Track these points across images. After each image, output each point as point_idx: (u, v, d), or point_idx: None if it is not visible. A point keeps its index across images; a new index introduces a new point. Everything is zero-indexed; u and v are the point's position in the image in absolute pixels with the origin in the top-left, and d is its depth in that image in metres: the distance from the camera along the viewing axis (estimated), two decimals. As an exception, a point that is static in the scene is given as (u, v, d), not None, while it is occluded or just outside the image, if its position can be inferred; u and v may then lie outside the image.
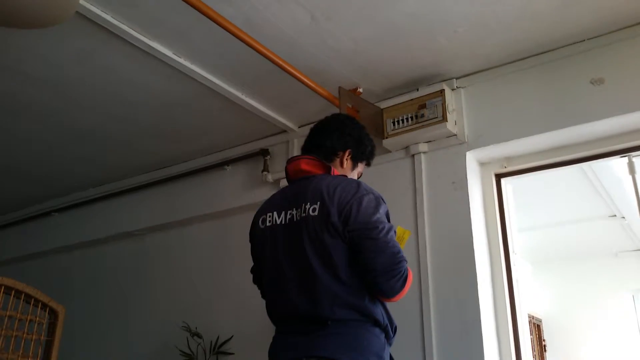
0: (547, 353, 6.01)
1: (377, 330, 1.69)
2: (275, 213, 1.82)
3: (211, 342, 2.93)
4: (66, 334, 2.29)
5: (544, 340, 6.03)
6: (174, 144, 3.38)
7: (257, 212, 1.91)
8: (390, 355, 1.75)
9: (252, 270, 1.95)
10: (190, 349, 2.94)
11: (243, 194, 3.21)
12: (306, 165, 1.87)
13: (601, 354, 5.60)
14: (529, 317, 5.73)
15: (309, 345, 1.65)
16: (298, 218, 1.74)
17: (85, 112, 3.00)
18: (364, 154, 1.98)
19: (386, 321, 1.73)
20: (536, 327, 6.00)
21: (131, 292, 3.60)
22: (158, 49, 2.38)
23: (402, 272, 1.68)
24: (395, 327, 1.78)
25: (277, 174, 3.04)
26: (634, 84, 2.20)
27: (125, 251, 3.79)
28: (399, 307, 1.87)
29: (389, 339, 1.75)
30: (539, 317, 6.06)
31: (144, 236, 3.71)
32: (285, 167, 1.93)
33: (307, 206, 1.73)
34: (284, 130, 3.12)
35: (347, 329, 1.66)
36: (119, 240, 3.82)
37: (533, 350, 5.78)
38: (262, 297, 1.94)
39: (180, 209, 3.50)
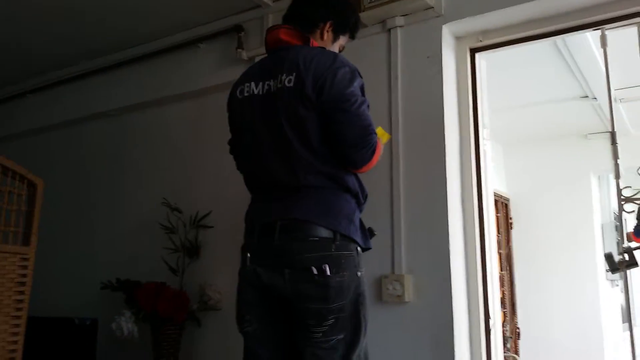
0: (512, 230, 6.35)
1: (348, 196, 1.79)
2: (252, 83, 1.85)
3: (191, 216, 3.03)
4: (46, 211, 2.35)
5: (510, 218, 6.35)
6: (146, 20, 3.25)
7: (235, 83, 1.93)
8: (360, 220, 1.85)
9: (229, 142, 2.00)
10: (170, 223, 3.05)
11: (218, 72, 3.16)
12: (285, 35, 1.87)
13: (563, 234, 5.93)
14: (498, 196, 5.99)
15: (282, 209, 1.75)
16: (274, 89, 1.77)
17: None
18: (346, 27, 1.96)
19: (357, 188, 1.82)
20: (504, 206, 6.29)
21: (110, 171, 3.65)
22: None
23: (372, 144, 1.75)
24: (366, 195, 1.88)
25: (251, 51, 2.98)
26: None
27: (102, 131, 3.78)
28: (370, 176, 1.96)
29: (359, 205, 1.85)
30: (507, 197, 6.32)
31: (120, 116, 3.68)
32: (265, 37, 1.92)
33: (283, 77, 1.75)
34: (258, 5, 3.02)
35: (320, 195, 1.76)
36: (95, 120, 3.80)
37: (499, 227, 6.10)
38: (237, 168, 2.00)
39: (155, 88, 3.46)
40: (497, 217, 6.10)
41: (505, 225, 6.28)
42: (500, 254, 6.01)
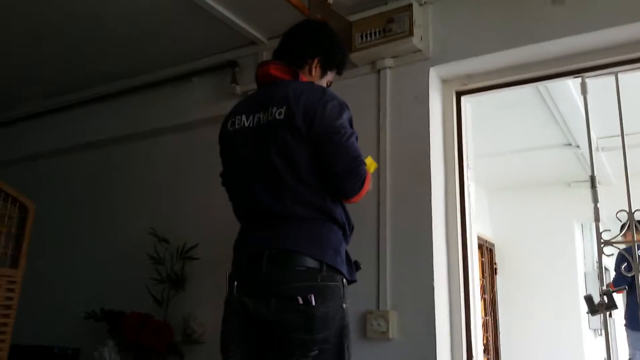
0: (497, 276, 6.38)
1: (335, 227, 1.82)
2: (243, 116, 1.89)
3: (178, 247, 3.03)
4: (36, 237, 2.35)
5: (495, 263, 6.38)
6: (141, 53, 3.33)
7: (226, 116, 1.98)
8: (346, 252, 1.88)
9: (221, 175, 2.02)
10: (157, 253, 3.04)
11: (210, 105, 3.23)
12: (275, 70, 1.93)
13: (547, 280, 5.96)
14: (482, 240, 6.04)
15: (270, 239, 1.77)
16: (264, 121, 1.82)
17: (49, 15, 2.92)
18: (333, 63, 2.03)
19: (344, 220, 1.85)
20: (489, 251, 6.33)
21: (98, 200, 3.65)
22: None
23: (361, 175, 1.79)
24: (353, 227, 1.91)
25: (245, 86, 3.05)
26: (593, 5, 2.28)
27: (92, 161, 3.80)
28: (357, 211, 1.99)
29: (346, 237, 1.88)
30: (492, 242, 6.38)
31: (110, 146, 3.72)
32: (255, 72, 1.97)
33: (274, 110, 1.80)
34: (253, 42, 3.11)
35: (307, 225, 1.78)
36: (84, 150, 3.82)
37: (484, 272, 6.13)
38: (230, 200, 2.02)
39: (146, 120, 3.51)
40: (482, 262, 6.14)
41: (490, 270, 6.31)
42: (484, 299, 6.01)
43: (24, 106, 4.09)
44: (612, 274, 4.64)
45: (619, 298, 4.45)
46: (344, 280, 1.79)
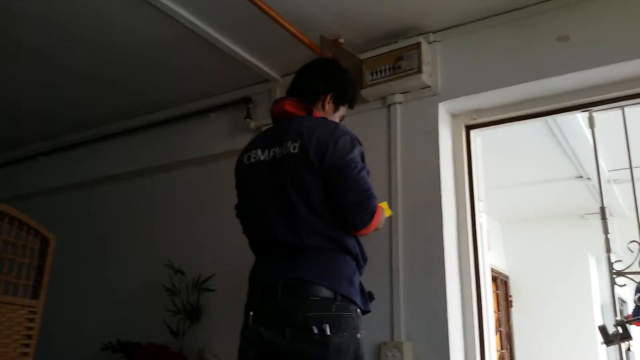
0: (512, 309, 6.30)
1: (348, 257, 1.84)
2: (259, 150, 1.95)
3: (193, 279, 3.08)
4: (55, 268, 2.41)
5: (510, 296, 6.32)
6: (160, 89, 3.46)
7: (242, 150, 2.04)
8: (360, 283, 1.90)
9: (236, 207, 2.07)
10: (173, 285, 3.10)
11: (226, 140, 3.33)
12: (290, 106, 1.99)
13: (563, 313, 5.89)
14: (497, 273, 6.01)
15: (285, 269, 1.80)
16: (280, 155, 1.88)
17: (71, 52, 3.05)
18: (345, 98, 2.08)
19: (357, 250, 1.88)
20: (504, 284, 6.28)
21: (117, 232, 3.74)
22: (147, -10, 2.45)
23: (371, 208, 1.83)
24: (366, 258, 1.94)
25: (259, 121, 3.16)
26: (596, 42, 2.35)
27: (111, 193, 3.90)
28: (370, 243, 2.03)
29: (359, 267, 1.90)
30: (507, 274, 6.33)
31: (128, 179, 3.82)
32: (271, 108, 2.05)
33: (288, 144, 1.86)
34: (267, 80, 3.23)
35: (321, 255, 1.81)
36: (104, 183, 3.93)
37: (499, 304, 6.07)
38: (243, 232, 2.06)
39: (164, 154, 3.61)
40: (497, 295, 6.08)
41: (505, 303, 6.24)
42: (500, 332, 5.94)
43: (47, 140, 4.23)
44: (631, 305, 4.59)
45: None
46: (358, 310, 1.82)
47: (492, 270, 5.74)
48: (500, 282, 6.22)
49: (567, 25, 2.42)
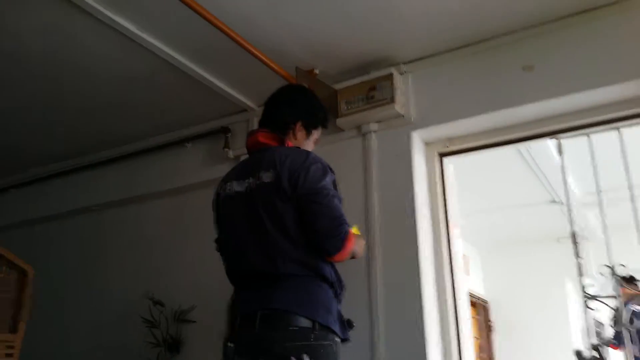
0: (493, 333, 6.33)
1: (325, 285, 1.85)
2: (234, 182, 1.98)
3: (173, 310, 3.06)
4: (33, 302, 2.38)
5: (490, 321, 6.35)
6: (136, 120, 3.47)
7: (219, 183, 2.06)
8: (339, 311, 1.91)
9: (216, 240, 2.06)
10: (153, 317, 3.07)
11: (204, 169, 3.34)
12: (262, 138, 2.03)
13: (543, 337, 5.92)
14: (477, 298, 6.04)
15: (262, 299, 1.80)
16: (254, 185, 1.90)
17: (46, 84, 3.06)
18: (315, 121, 2.10)
19: (334, 277, 1.88)
20: (483, 308, 6.31)
21: (93, 264, 3.69)
22: (121, 22, 2.47)
23: (342, 233, 1.83)
24: (344, 285, 1.94)
25: (237, 151, 3.18)
26: (560, 72, 2.44)
27: (85, 225, 3.86)
28: (349, 270, 2.04)
29: (337, 295, 1.91)
30: (486, 299, 6.37)
31: (103, 211, 3.80)
32: (245, 140, 2.08)
33: (262, 174, 1.89)
34: (244, 109, 3.26)
35: (298, 283, 1.81)
36: (78, 215, 3.90)
37: (480, 330, 6.09)
38: (223, 263, 2.06)
39: (140, 185, 3.61)
40: (477, 320, 6.11)
41: (485, 328, 6.27)
42: (481, 358, 5.95)
43: (20, 173, 4.19)
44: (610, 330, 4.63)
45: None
46: (337, 339, 1.82)
47: (472, 295, 5.79)
48: (480, 306, 6.25)
49: (532, 55, 2.51)
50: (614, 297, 2.44)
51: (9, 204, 4.25)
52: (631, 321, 3.67)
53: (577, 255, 2.53)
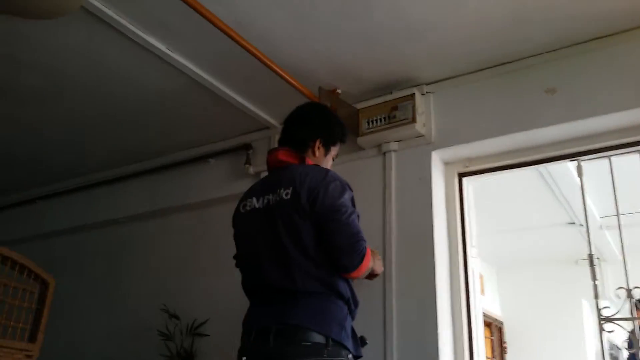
0: (507, 355, 6.25)
1: (340, 302, 1.87)
2: (254, 199, 2.02)
3: (187, 324, 3.09)
4: (51, 311, 2.43)
5: (504, 342, 6.28)
6: (161, 136, 3.55)
7: (240, 200, 2.10)
8: (352, 327, 1.93)
9: (235, 257, 2.10)
10: (168, 329, 3.10)
11: (225, 185, 3.39)
12: (283, 156, 2.07)
13: (557, 358, 5.84)
14: (492, 318, 5.99)
15: (278, 314, 1.83)
16: (273, 202, 1.94)
17: (74, 100, 3.15)
18: (334, 139, 2.15)
19: (349, 295, 1.91)
20: (498, 329, 6.25)
21: (113, 276, 3.75)
22: (153, 43, 2.56)
23: (360, 250, 1.86)
24: (357, 302, 1.97)
25: (258, 167, 3.23)
26: (582, 94, 2.46)
27: (109, 238, 3.93)
28: (365, 289, 2.06)
29: (351, 312, 1.93)
30: (501, 320, 6.31)
31: (125, 224, 3.86)
32: (266, 158, 2.12)
33: (281, 191, 1.93)
34: (266, 127, 3.32)
35: (313, 300, 1.84)
36: (102, 227, 3.97)
37: (494, 351, 6.03)
38: (242, 278, 2.09)
39: (163, 199, 3.67)
40: (492, 341, 6.05)
41: (499, 349, 6.20)
42: (495, 380, 5.88)
43: (46, 185, 4.28)
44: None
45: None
46: (350, 355, 1.83)
47: (487, 316, 5.74)
48: (495, 327, 6.19)
49: (554, 78, 2.53)
50: (630, 319, 2.42)
51: (34, 215, 4.34)
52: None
53: (593, 277, 2.51)
